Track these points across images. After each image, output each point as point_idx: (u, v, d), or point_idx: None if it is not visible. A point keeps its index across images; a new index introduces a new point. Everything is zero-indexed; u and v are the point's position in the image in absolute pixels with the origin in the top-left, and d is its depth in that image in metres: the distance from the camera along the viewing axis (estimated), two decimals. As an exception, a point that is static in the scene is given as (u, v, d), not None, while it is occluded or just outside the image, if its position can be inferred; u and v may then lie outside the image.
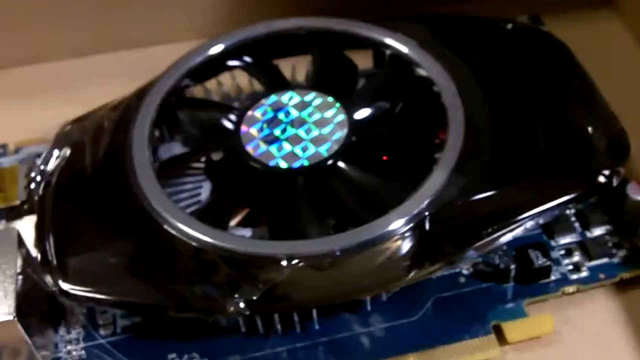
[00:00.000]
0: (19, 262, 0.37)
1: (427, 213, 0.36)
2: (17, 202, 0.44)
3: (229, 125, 0.42)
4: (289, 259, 0.35)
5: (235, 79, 0.47)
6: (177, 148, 0.43)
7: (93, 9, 0.53)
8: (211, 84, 0.46)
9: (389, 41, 0.43)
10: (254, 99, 0.43)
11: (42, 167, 0.42)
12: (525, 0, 0.53)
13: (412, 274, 0.36)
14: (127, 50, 0.55)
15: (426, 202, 0.37)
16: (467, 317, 0.39)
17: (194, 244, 0.37)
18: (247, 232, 0.40)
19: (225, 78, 0.47)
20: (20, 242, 0.38)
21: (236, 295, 0.35)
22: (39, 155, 0.46)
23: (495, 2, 0.52)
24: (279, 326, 0.38)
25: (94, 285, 0.37)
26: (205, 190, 0.42)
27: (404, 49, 0.43)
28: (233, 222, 0.40)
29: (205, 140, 0.43)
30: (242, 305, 0.35)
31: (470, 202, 0.37)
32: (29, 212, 0.42)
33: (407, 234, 0.36)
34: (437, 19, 0.46)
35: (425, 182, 0.37)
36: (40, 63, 0.54)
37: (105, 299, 0.37)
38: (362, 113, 0.42)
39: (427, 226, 0.36)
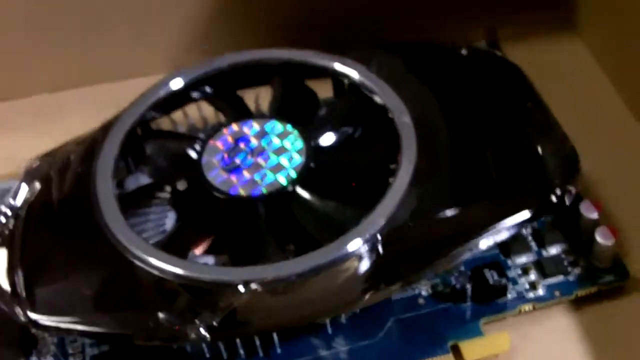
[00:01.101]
0: (-12, 294, 0.38)
1: (380, 235, 0.37)
2: (-11, 236, 0.44)
3: (193, 155, 0.43)
4: (246, 284, 0.36)
5: (201, 110, 0.48)
6: (143, 179, 0.44)
7: (66, 44, 0.54)
8: (177, 115, 0.47)
9: (345, 70, 0.44)
10: (217, 129, 0.44)
11: (11, 201, 0.43)
12: (486, 24, 0.54)
13: (368, 296, 0.37)
14: (101, 84, 0.56)
15: (379, 224, 0.38)
16: (426, 337, 0.40)
17: (154, 272, 0.37)
18: (210, 260, 0.41)
19: (191, 109, 0.48)
20: (-11, 275, 0.39)
21: (196, 322, 0.36)
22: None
23: (455, 29, 0.54)
24: (241, 351, 0.39)
25: (62, 315, 0.38)
26: (170, 220, 0.43)
27: (359, 77, 0.44)
28: (199, 251, 0.41)
29: (170, 171, 0.44)
30: (203, 331, 0.36)
31: (424, 223, 0.38)
32: (1, 246, 0.43)
33: (361, 256, 0.37)
34: (394, 47, 0.47)
35: (378, 205, 0.38)
36: (13, 99, 0.55)
37: (72, 328, 0.38)
38: (321, 140, 0.43)
39: (380, 248, 0.37)
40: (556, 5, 0.56)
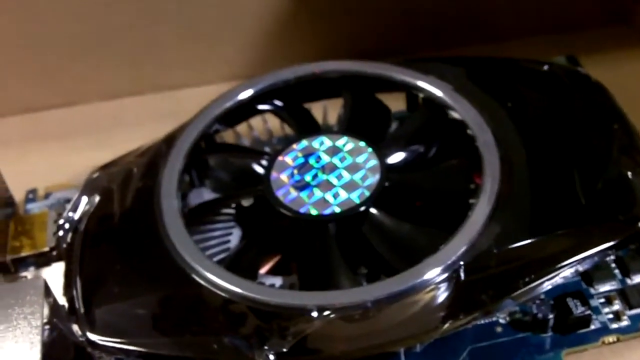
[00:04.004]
0: (46, 312, 0.36)
1: (462, 262, 0.35)
2: (46, 249, 0.43)
3: (259, 170, 0.42)
4: (320, 310, 0.34)
5: (267, 123, 0.46)
6: (206, 194, 0.43)
7: (124, 53, 0.53)
8: (242, 127, 0.46)
9: (422, 84, 0.43)
10: (285, 144, 0.42)
11: (70, 214, 0.41)
12: (562, 41, 0.52)
13: (447, 325, 0.35)
14: (158, 94, 0.55)
15: (461, 250, 0.36)
16: (504, 368, 0.38)
17: (222, 294, 0.36)
18: (277, 281, 0.39)
19: (256, 122, 0.46)
20: (47, 292, 0.37)
21: (265, 348, 0.34)
22: (68, 201, 0.45)
23: (530, 42, 0.52)
24: (310, 378, 0.37)
25: (122, 336, 0.36)
26: (234, 237, 0.41)
27: (437, 92, 0.42)
28: (263, 270, 0.40)
29: (236, 186, 0.42)
30: (271, 357, 0.34)
31: (507, 250, 0.36)
32: (58, 259, 0.42)
33: (441, 284, 0.35)
34: (471, 61, 0.45)
35: (460, 230, 0.36)
36: (71, 106, 0.54)
37: (132, 349, 0.36)
38: (395, 158, 0.41)
39: (462, 276, 0.35)
40: (632, 20, 0.54)
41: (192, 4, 0.52)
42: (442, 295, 0.35)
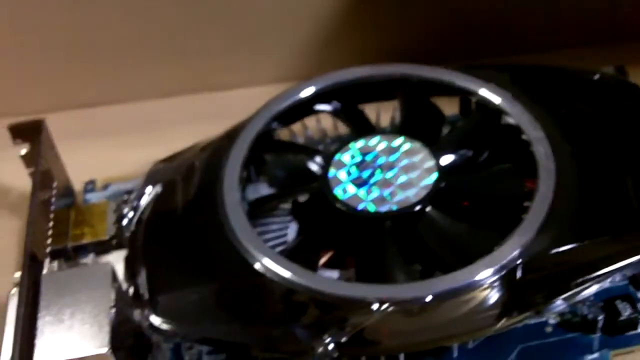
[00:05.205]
0: (113, 296, 0.38)
1: (518, 262, 0.36)
2: (106, 237, 0.44)
3: (314, 168, 0.43)
4: (380, 303, 0.36)
5: (320, 122, 0.48)
6: (263, 189, 0.44)
7: (178, 54, 0.55)
8: (296, 126, 0.47)
9: (477, 89, 0.44)
10: (339, 143, 0.44)
11: (134, 203, 0.43)
12: (608, 51, 0.53)
13: (501, 322, 0.36)
14: (210, 93, 0.56)
15: (517, 251, 0.37)
16: (552, 367, 0.39)
17: (284, 284, 0.37)
18: (333, 274, 0.40)
19: (310, 121, 0.47)
20: (114, 277, 0.38)
21: (325, 338, 0.36)
22: (127, 192, 0.47)
23: (577, 53, 0.53)
24: (365, 369, 0.38)
25: (183, 322, 0.38)
26: (291, 231, 0.42)
27: (493, 97, 0.43)
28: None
29: (292, 182, 0.43)
30: (330, 347, 0.36)
31: (560, 252, 0.37)
32: (117, 248, 0.43)
33: (497, 283, 0.36)
34: (523, 69, 0.46)
35: (515, 231, 0.37)
36: (127, 103, 0.56)
37: (193, 335, 0.38)
38: (449, 159, 0.42)
39: (518, 275, 0.36)
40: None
41: (243, 8, 0.53)
42: (497, 293, 0.36)
